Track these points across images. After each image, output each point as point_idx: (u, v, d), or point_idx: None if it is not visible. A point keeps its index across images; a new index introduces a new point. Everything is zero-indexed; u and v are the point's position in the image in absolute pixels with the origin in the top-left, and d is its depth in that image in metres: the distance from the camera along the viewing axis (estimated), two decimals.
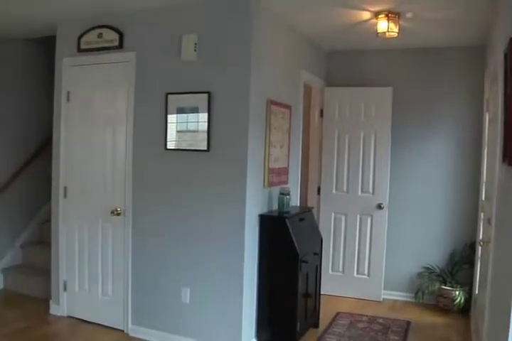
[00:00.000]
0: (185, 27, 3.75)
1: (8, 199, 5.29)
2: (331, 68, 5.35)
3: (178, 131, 3.78)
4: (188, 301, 3.82)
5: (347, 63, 5.29)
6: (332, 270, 5.25)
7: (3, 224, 5.27)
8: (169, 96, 3.78)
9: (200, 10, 3.71)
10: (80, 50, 4.26)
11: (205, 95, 3.63)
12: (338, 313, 4.71)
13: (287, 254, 3.72)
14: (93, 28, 4.17)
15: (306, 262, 3.83)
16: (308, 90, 5.09)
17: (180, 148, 3.78)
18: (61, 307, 4.46)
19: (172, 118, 3.79)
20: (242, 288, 3.61)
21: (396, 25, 3.91)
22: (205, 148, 3.66)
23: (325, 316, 4.52)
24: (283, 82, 4.25)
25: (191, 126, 3.71)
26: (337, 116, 5.18)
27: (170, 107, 3.78)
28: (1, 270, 5.21)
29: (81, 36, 4.24)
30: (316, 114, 5.27)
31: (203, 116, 3.66)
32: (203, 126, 3.66)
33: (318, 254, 4.28)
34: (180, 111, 3.75)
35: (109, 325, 4.21)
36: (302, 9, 3.82)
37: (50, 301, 4.55)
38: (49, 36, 4.81)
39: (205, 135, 3.65)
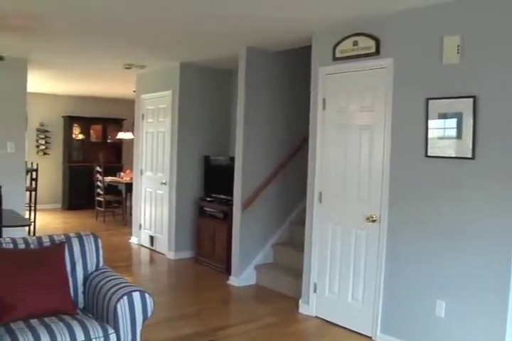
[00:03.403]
0: (446, 28, 3.58)
1: (265, 199, 5.63)
2: None
3: (439, 138, 3.62)
4: (442, 315, 3.64)
5: None
6: None
7: (260, 223, 5.64)
8: (430, 101, 3.65)
9: (463, 9, 3.50)
10: (335, 58, 4.39)
11: (470, 100, 3.41)
12: None
13: None
14: (348, 37, 4.25)
15: None
16: None
17: (442, 155, 3.61)
18: (310, 307, 4.63)
19: (433, 124, 3.65)
20: (507, 311, 3.29)
21: None
22: (470, 155, 3.44)
23: None
24: None
25: (454, 133, 3.52)
26: None
27: (431, 113, 3.65)
28: (254, 267, 5.61)
29: (336, 45, 4.35)
30: None
31: (468, 122, 3.44)
32: (468, 132, 3.44)
33: None
34: (442, 116, 3.58)
35: (355, 330, 4.23)
36: None
37: (300, 300, 4.75)
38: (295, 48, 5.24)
39: (470, 142, 3.43)
